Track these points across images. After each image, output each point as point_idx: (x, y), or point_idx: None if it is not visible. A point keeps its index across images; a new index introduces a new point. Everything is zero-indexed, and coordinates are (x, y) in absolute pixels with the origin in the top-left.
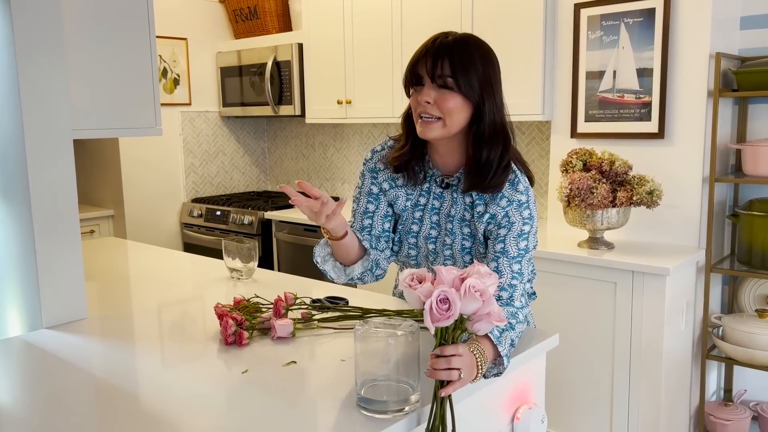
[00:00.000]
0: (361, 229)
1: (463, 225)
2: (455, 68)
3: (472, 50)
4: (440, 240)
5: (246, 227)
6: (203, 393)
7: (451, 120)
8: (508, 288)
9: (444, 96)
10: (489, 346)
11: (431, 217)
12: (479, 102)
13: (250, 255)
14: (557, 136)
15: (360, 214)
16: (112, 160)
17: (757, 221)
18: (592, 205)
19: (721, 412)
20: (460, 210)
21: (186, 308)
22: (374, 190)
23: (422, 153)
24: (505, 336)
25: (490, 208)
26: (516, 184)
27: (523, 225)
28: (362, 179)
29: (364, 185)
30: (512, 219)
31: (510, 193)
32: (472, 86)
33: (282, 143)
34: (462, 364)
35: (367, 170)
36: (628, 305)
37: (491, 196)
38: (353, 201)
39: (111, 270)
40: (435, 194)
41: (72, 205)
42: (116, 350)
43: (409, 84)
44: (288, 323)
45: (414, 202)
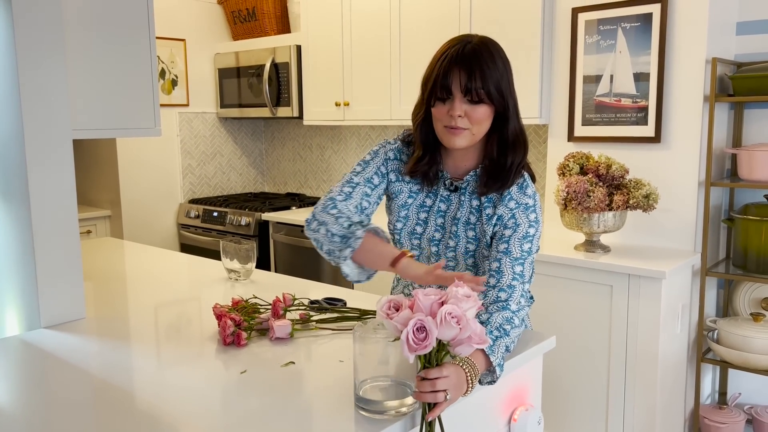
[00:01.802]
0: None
1: (468, 228)
2: (486, 80)
3: (496, 57)
4: (443, 243)
5: (243, 228)
6: (201, 393)
7: (479, 129)
8: (507, 289)
9: (474, 108)
10: (481, 357)
11: (436, 220)
12: (505, 108)
13: (248, 256)
14: (554, 140)
15: (365, 180)
16: (110, 160)
17: (752, 225)
18: (588, 209)
19: (715, 415)
20: (466, 213)
21: (184, 309)
22: (383, 169)
23: (438, 160)
24: (499, 344)
25: (498, 210)
26: (525, 187)
27: (529, 227)
28: (374, 157)
29: (375, 160)
30: (518, 221)
31: (518, 196)
32: (501, 94)
33: (279, 145)
34: (448, 385)
35: (383, 153)
36: (624, 308)
37: (499, 198)
38: (356, 165)
39: (108, 270)
40: (442, 197)
41: (71, 205)
42: (114, 350)
43: (434, 95)
44: (286, 324)
45: (420, 202)
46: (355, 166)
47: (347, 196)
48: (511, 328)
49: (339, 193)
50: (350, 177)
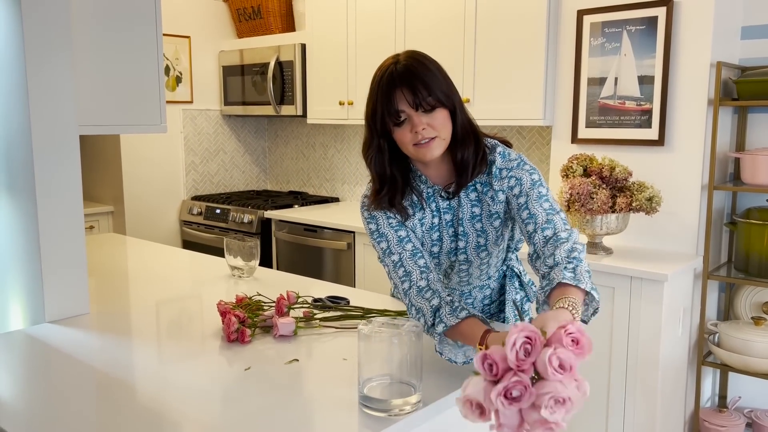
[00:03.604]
0: (412, 256)
1: (475, 221)
2: (430, 88)
3: (428, 64)
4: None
5: (245, 226)
6: (205, 389)
7: (446, 132)
8: (547, 225)
9: (432, 117)
10: (572, 290)
11: (448, 231)
12: (454, 107)
13: (252, 253)
14: (558, 142)
15: (397, 244)
16: (113, 156)
17: (755, 229)
18: (591, 211)
19: (715, 418)
20: (468, 209)
21: (187, 305)
22: (393, 222)
23: (404, 185)
24: (579, 272)
25: (497, 186)
26: (507, 155)
27: (531, 175)
28: (374, 221)
29: (380, 223)
30: (519, 176)
31: (505, 164)
32: (446, 95)
33: (282, 143)
34: None
35: (373, 211)
36: (625, 310)
37: (492, 178)
38: (377, 243)
39: (111, 266)
40: (444, 209)
41: (77, 200)
42: (118, 345)
43: (389, 124)
44: (290, 321)
45: (428, 226)
46: (378, 245)
47: (407, 277)
48: (579, 254)
49: (402, 281)
50: (390, 260)
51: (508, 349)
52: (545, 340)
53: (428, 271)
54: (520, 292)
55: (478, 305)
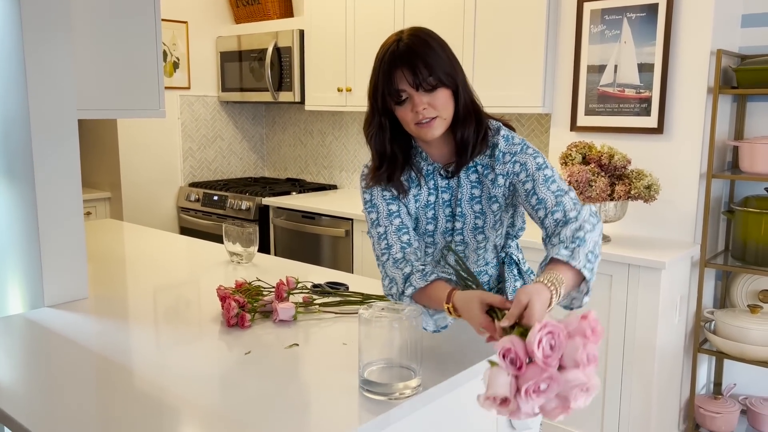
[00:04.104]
0: (397, 231)
1: (474, 203)
2: (431, 68)
3: (431, 42)
4: (456, 230)
5: (243, 213)
6: (205, 373)
7: (447, 112)
8: (557, 208)
9: (434, 96)
10: (561, 267)
11: (444, 211)
12: (457, 86)
13: (251, 239)
14: (557, 129)
15: (385, 217)
16: (110, 142)
17: (752, 218)
18: (590, 198)
19: (710, 405)
20: (467, 190)
21: (186, 290)
22: (387, 195)
23: (404, 162)
24: (578, 252)
25: (499, 169)
26: (511, 138)
27: (536, 159)
28: (369, 192)
29: (374, 194)
30: (523, 161)
31: (509, 147)
32: (449, 75)
33: (280, 130)
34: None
35: (372, 182)
36: (623, 298)
37: (494, 161)
38: (368, 213)
39: (108, 252)
40: (442, 188)
41: (75, 184)
42: (117, 330)
43: (390, 102)
44: (290, 307)
45: (423, 202)
46: (369, 215)
47: (388, 249)
48: (585, 233)
49: (382, 252)
50: (376, 231)
51: (535, 347)
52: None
53: (409, 246)
54: (519, 280)
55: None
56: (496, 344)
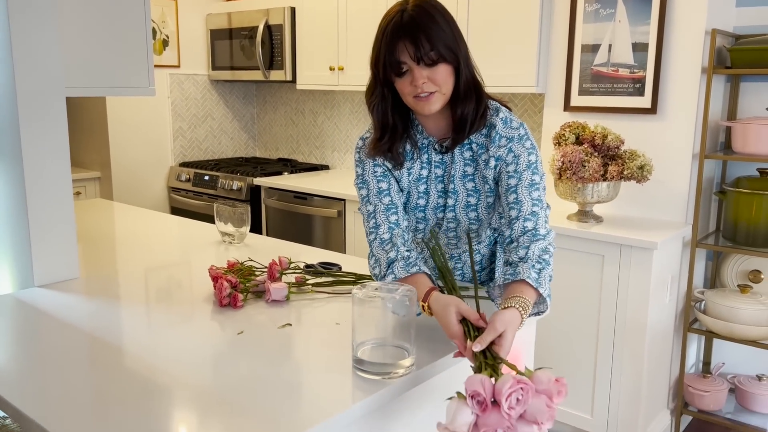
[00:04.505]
0: (386, 210)
1: (466, 180)
2: (434, 42)
3: (435, 15)
4: (448, 207)
5: (234, 193)
6: (197, 353)
7: (447, 87)
8: (531, 217)
9: (434, 71)
10: (530, 290)
11: (436, 186)
12: (458, 62)
13: (243, 219)
14: (550, 109)
15: (375, 195)
16: (99, 121)
17: (743, 198)
18: (583, 179)
19: (699, 383)
20: (461, 167)
21: (178, 270)
22: (378, 171)
23: (404, 133)
24: (543, 275)
25: (492, 151)
26: (509, 121)
27: (529, 156)
28: (361, 166)
29: (366, 170)
30: (517, 152)
31: (507, 131)
32: (451, 50)
33: (271, 109)
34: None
35: (364, 156)
36: (614, 278)
37: (489, 140)
38: (359, 189)
39: (99, 232)
40: (436, 163)
41: (64, 163)
42: (109, 310)
43: (390, 74)
44: (283, 287)
45: (416, 176)
46: (359, 191)
47: (375, 229)
48: (549, 257)
49: (370, 231)
50: (366, 209)
51: (503, 398)
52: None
53: (396, 227)
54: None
55: (468, 270)
56: (466, 381)
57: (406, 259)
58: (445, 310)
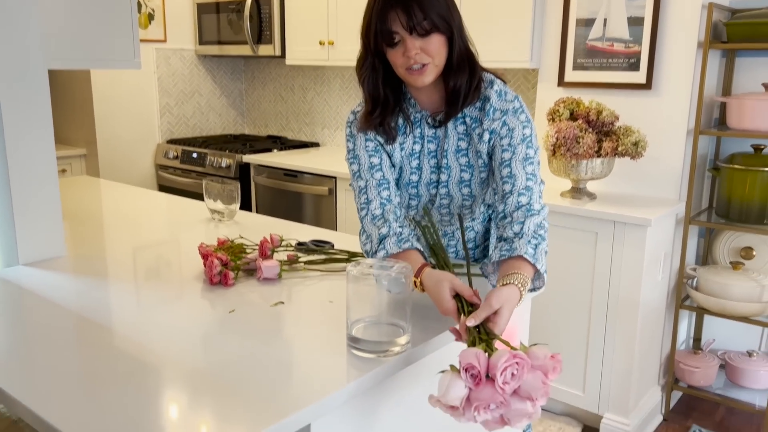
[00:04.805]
0: (378, 185)
1: (460, 155)
2: (426, 11)
3: None
4: (441, 182)
5: (223, 170)
6: (187, 331)
7: (440, 58)
8: (525, 192)
9: (427, 41)
10: (527, 266)
11: (429, 162)
12: (452, 32)
13: (232, 197)
14: (544, 85)
15: (367, 170)
16: (84, 97)
17: (737, 175)
18: (577, 155)
19: (690, 360)
20: (454, 141)
21: (167, 248)
22: (370, 145)
23: (395, 106)
24: (539, 250)
25: (487, 125)
26: (504, 94)
27: (524, 129)
28: (352, 140)
29: (357, 144)
30: (511, 126)
31: (501, 104)
32: (445, 19)
33: (260, 85)
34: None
35: (355, 130)
36: (608, 255)
37: (483, 114)
38: (350, 164)
39: (85, 209)
40: (429, 138)
41: (48, 138)
42: (96, 288)
43: (382, 44)
44: (274, 264)
45: (409, 151)
46: (351, 167)
47: (367, 204)
48: (544, 232)
49: (362, 207)
50: (357, 184)
51: (498, 372)
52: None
53: (388, 203)
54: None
55: (461, 247)
56: (460, 354)
57: (398, 235)
58: (438, 285)
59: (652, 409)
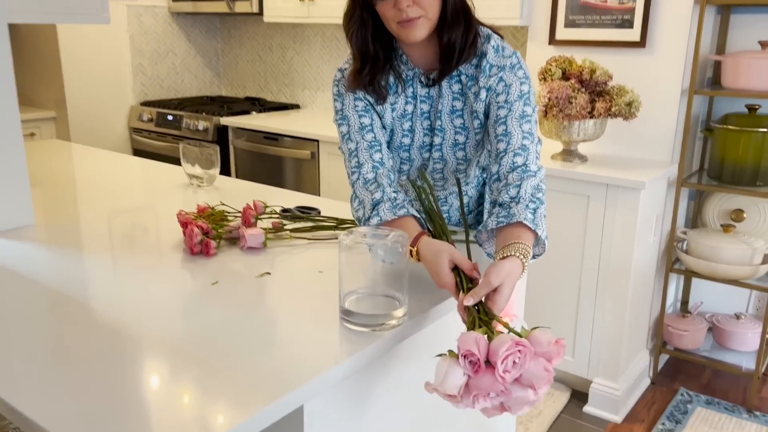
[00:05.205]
0: (369, 148)
1: (455, 116)
2: None
3: None
4: (435, 146)
5: (200, 134)
6: (167, 304)
7: (433, 11)
8: (521, 151)
9: None
10: (527, 232)
11: (422, 123)
12: None
13: (211, 161)
14: (534, 43)
15: (357, 132)
16: (51, 56)
17: (731, 136)
18: (570, 116)
19: (679, 323)
20: (449, 101)
21: (144, 216)
22: (360, 105)
23: (386, 63)
24: (539, 215)
25: (483, 82)
26: (501, 50)
27: (521, 85)
28: (340, 100)
29: (346, 104)
30: (508, 81)
31: (498, 60)
32: None
33: (237, 44)
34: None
35: (343, 89)
36: (599, 218)
37: (479, 71)
38: (338, 126)
39: (56, 175)
40: (422, 97)
41: (10, 99)
42: (69, 259)
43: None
44: (259, 233)
45: (400, 112)
46: (339, 128)
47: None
48: (542, 195)
49: (353, 171)
50: (347, 147)
51: (499, 360)
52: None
53: (381, 166)
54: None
55: (454, 213)
56: (459, 338)
57: (392, 201)
58: (437, 256)
59: (640, 373)
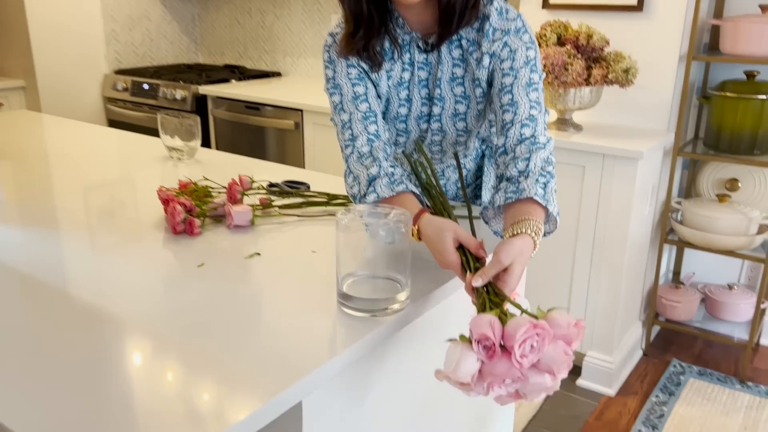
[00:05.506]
0: (364, 119)
1: (455, 84)
2: None
3: None
4: (433, 116)
5: (178, 103)
6: (150, 288)
7: None
8: (528, 122)
9: None
10: (538, 209)
11: (420, 92)
12: None
13: (192, 132)
14: (526, 7)
15: (350, 101)
16: (17, 22)
17: (729, 103)
18: (565, 83)
19: (672, 294)
20: (448, 68)
21: (121, 192)
22: (353, 73)
23: (381, 26)
24: (549, 190)
25: (486, 47)
26: (505, 12)
27: (527, 51)
28: (332, 66)
29: (338, 71)
30: (513, 47)
31: (502, 24)
32: None
33: (214, 8)
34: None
35: (335, 55)
36: (595, 189)
37: (482, 35)
38: (330, 95)
39: (26, 148)
40: (419, 64)
41: None
42: (42, 240)
43: None
44: (246, 210)
45: (397, 80)
46: (331, 98)
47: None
48: (552, 168)
49: (346, 144)
50: (340, 118)
51: (516, 345)
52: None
53: (377, 138)
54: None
55: (451, 187)
56: (471, 322)
57: (390, 176)
58: (440, 234)
59: (633, 345)
